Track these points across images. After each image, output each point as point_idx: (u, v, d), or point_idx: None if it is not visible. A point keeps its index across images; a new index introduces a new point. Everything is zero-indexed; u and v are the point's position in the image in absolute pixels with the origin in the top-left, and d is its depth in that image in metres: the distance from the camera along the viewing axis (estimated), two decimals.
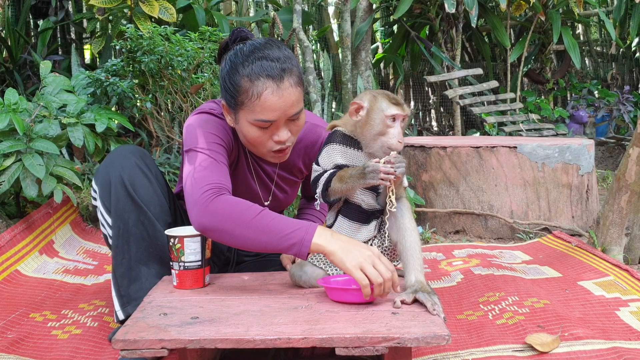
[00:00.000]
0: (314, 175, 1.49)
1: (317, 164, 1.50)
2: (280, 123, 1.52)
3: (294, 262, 1.75)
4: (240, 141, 1.65)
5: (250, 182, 1.73)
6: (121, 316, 1.58)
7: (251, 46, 1.52)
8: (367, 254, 1.34)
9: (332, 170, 1.45)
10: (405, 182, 1.47)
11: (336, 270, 1.48)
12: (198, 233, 1.49)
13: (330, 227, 1.53)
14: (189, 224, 1.60)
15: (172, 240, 1.50)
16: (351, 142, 1.48)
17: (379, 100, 1.44)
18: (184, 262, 1.49)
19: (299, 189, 1.97)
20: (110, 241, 1.65)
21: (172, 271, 1.52)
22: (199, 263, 1.51)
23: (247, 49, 1.51)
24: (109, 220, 1.62)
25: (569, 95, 6.66)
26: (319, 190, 1.45)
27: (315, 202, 1.48)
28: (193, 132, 1.57)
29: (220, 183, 1.46)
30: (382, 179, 1.36)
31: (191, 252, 1.49)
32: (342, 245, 1.36)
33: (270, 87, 1.46)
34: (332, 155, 1.47)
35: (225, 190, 1.45)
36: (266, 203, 1.76)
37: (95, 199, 1.67)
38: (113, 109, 3.29)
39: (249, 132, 1.54)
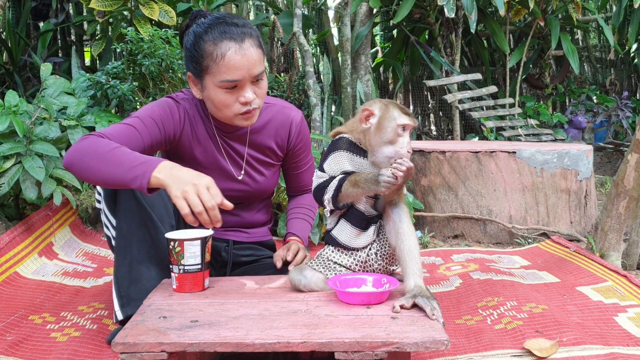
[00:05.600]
0: (318, 181, 1.50)
1: (322, 170, 1.50)
2: (245, 83, 1.59)
3: (286, 263, 1.77)
4: (208, 122, 1.73)
5: (219, 160, 1.77)
6: (120, 316, 1.59)
7: (212, 17, 1.63)
8: (193, 183, 1.39)
9: (342, 176, 1.46)
10: (404, 189, 1.48)
11: (335, 273, 1.49)
12: (198, 236, 1.50)
13: (329, 231, 1.54)
14: (191, 227, 1.61)
15: (172, 243, 1.50)
16: (357, 149, 1.49)
17: (391, 109, 1.46)
18: (184, 265, 1.50)
19: (285, 185, 2.01)
20: (113, 242, 1.66)
21: (172, 274, 1.52)
22: (199, 266, 1.51)
23: (207, 20, 1.63)
24: (113, 222, 1.64)
25: (567, 100, 6.68)
26: (328, 195, 1.46)
27: (325, 209, 1.51)
28: (146, 106, 1.70)
29: (110, 134, 1.53)
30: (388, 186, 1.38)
31: (191, 255, 1.50)
32: (175, 176, 1.41)
33: (233, 47, 1.56)
34: (339, 162, 1.48)
35: (104, 136, 1.52)
36: (239, 177, 1.79)
37: (99, 201, 1.69)
38: (113, 111, 3.29)
39: (216, 97, 1.61)
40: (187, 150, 1.73)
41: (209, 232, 1.55)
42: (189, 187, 1.39)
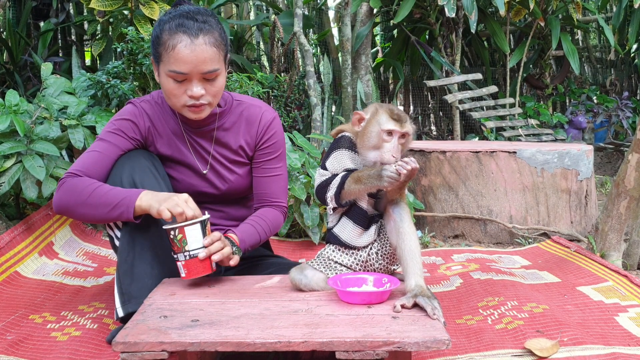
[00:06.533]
0: (320, 179, 1.50)
1: (324, 168, 1.50)
2: (193, 77, 1.61)
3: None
4: (174, 119, 1.76)
5: (187, 156, 1.78)
6: (120, 313, 1.59)
7: (180, 9, 1.66)
8: (172, 198, 1.52)
9: (344, 173, 1.46)
10: (405, 189, 1.48)
11: (336, 273, 1.49)
12: (197, 220, 1.50)
13: (331, 229, 1.53)
14: None
15: (172, 232, 1.49)
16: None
17: (379, 113, 1.45)
18: (189, 250, 1.49)
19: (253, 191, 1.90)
20: (116, 242, 1.66)
21: (178, 264, 1.51)
22: (204, 248, 1.50)
23: (176, 10, 1.66)
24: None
25: (567, 100, 6.68)
26: (331, 193, 1.46)
27: (328, 207, 1.50)
28: (107, 123, 1.78)
29: (81, 168, 1.64)
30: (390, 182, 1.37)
31: (194, 239, 1.49)
32: (155, 199, 1.54)
33: (184, 41, 1.59)
34: (341, 160, 1.49)
35: (82, 174, 1.63)
36: (204, 171, 1.79)
37: None
38: (113, 111, 3.29)
39: (166, 84, 1.64)
40: (154, 148, 1.77)
41: (205, 216, 1.54)
42: (169, 202, 1.51)
